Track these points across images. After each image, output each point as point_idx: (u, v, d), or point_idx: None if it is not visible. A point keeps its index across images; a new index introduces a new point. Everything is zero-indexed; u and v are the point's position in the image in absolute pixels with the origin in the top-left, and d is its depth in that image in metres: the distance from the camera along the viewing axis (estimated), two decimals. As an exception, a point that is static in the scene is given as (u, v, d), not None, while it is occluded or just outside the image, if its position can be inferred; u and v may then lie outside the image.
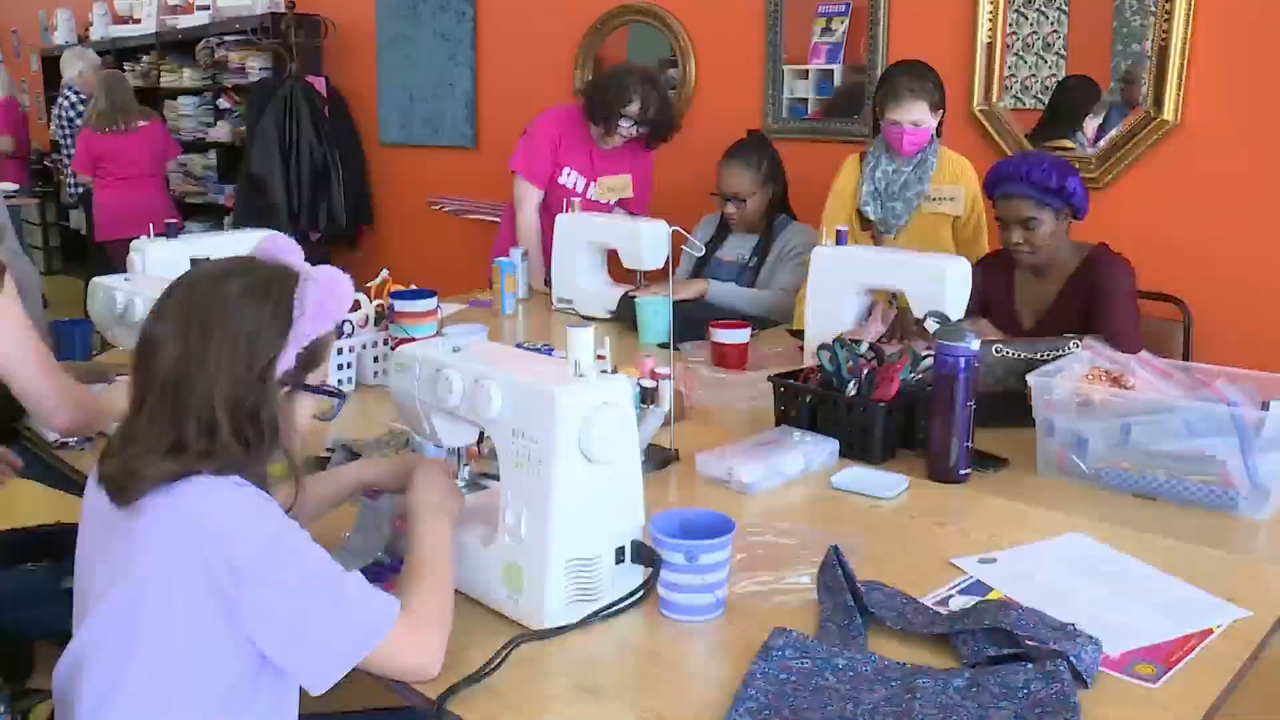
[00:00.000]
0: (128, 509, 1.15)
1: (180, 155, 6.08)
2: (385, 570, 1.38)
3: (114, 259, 5.65)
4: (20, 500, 1.89)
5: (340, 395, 1.36)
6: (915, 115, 2.71)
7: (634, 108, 3.30)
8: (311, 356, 1.26)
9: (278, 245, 1.31)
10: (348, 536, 1.44)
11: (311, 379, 1.28)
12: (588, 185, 3.44)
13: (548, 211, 3.36)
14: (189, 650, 1.13)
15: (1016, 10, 3.14)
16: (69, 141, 6.44)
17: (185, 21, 6.40)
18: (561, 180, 3.43)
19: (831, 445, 1.85)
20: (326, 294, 1.23)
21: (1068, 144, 3.10)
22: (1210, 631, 1.26)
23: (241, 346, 1.18)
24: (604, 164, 3.44)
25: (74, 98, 6.50)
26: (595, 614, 1.28)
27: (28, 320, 1.67)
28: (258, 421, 1.19)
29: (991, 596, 1.35)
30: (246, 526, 1.14)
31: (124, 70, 7.06)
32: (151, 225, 2.48)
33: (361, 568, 1.31)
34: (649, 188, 3.64)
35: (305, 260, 1.30)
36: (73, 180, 6.42)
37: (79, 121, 6.22)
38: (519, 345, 2.37)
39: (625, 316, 2.83)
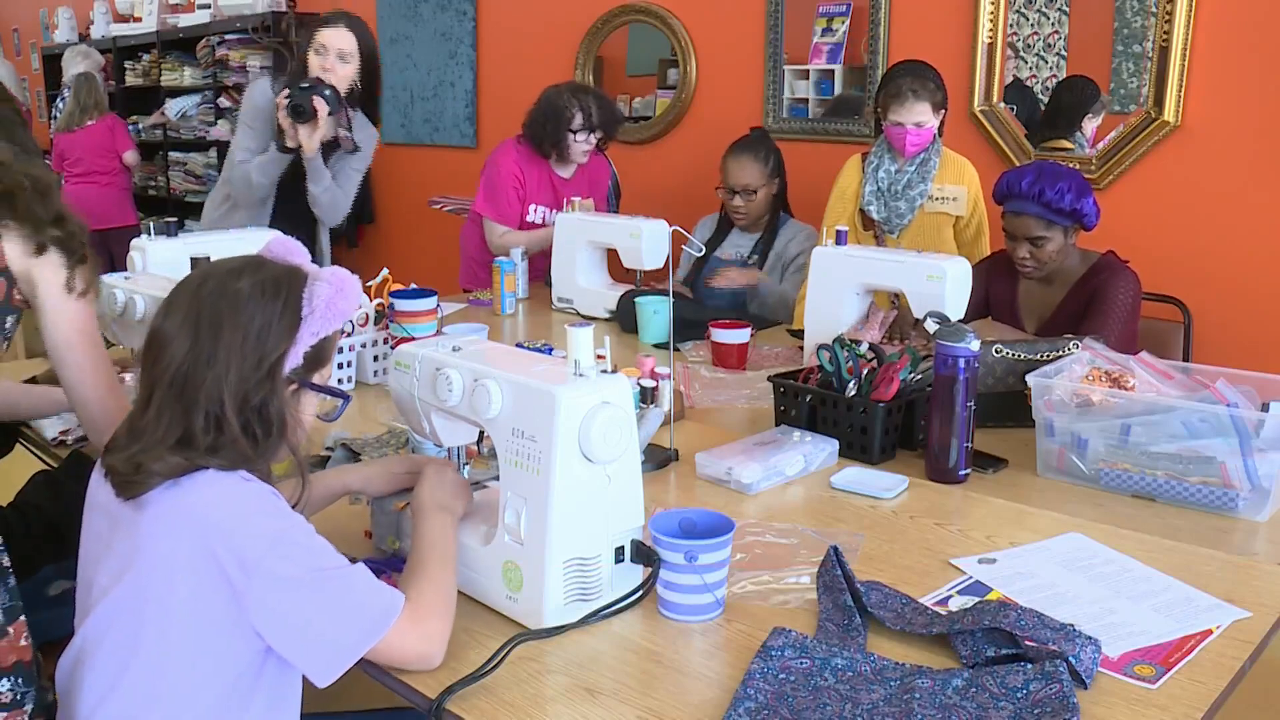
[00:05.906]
0: (133, 503, 1.16)
1: (134, 150, 6.06)
2: (385, 565, 1.38)
3: None
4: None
5: (345, 396, 1.37)
6: (918, 116, 2.71)
7: (578, 120, 3.31)
8: (318, 355, 1.28)
9: (285, 247, 1.34)
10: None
11: (317, 378, 1.30)
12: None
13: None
14: (193, 644, 1.13)
15: (1017, 11, 3.14)
16: None
17: (186, 20, 6.41)
18: (530, 218, 3.44)
19: (831, 445, 1.85)
20: (335, 293, 1.25)
21: (1067, 144, 3.10)
22: (1209, 632, 1.26)
23: (251, 343, 1.19)
24: (567, 192, 3.45)
25: None
26: (594, 614, 1.28)
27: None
28: (265, 417, 1.21)
29: (991, 597, 1.35)
30: (254, 520, 1.15)
31: (125, 69, 7.09)
32: (161, 223, 2.49)
33: (371, 559, 1.33)
34: (618, 197, 3.70)
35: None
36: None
37: None
38: (519, 345, 2.37)
39: (625, 316, 2.83)
